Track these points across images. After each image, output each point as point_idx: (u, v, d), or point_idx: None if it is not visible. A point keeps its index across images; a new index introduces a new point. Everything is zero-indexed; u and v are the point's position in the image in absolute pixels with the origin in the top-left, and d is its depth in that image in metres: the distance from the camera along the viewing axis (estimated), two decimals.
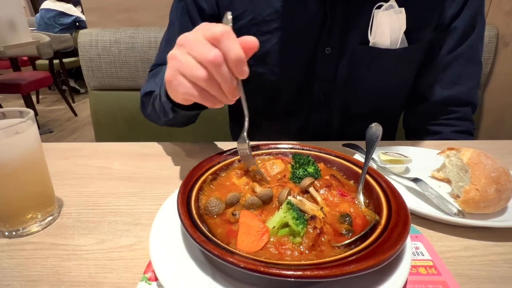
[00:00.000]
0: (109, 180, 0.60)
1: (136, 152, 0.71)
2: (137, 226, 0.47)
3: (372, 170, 0.45)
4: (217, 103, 0.43)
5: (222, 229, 0.39)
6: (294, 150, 0.52)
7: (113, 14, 1.37)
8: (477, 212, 0.45)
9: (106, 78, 1.31)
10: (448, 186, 0.53)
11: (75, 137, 3.28)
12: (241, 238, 0.35)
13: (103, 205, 0.52)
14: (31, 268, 0.39)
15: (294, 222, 0.35)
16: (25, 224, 0.45)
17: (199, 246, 0.32)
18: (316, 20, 0.69)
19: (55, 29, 4.08)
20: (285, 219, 0.36)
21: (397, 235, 0.33)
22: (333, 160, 0.50)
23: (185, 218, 0.36)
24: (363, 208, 0.41)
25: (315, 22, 0.69)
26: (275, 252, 0.34)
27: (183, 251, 0.37)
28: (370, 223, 0.38)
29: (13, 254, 0.42)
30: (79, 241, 0.44)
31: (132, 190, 0.56)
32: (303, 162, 0.47)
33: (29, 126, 0.43)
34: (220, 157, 0.50)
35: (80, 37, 1.28)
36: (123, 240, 0.44)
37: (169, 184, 0.58)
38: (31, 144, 0.44)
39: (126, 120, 1.36)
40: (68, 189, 0.56)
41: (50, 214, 0.48)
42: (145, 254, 0.41)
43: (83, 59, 1.29)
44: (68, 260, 0.41)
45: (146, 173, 0.62)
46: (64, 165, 0.65)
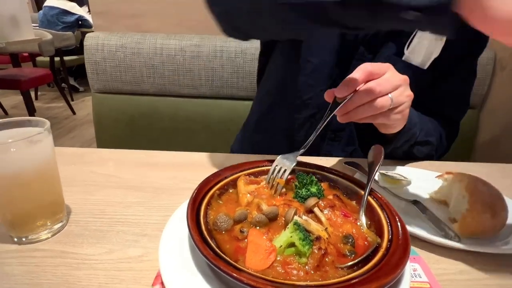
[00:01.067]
0: (116, 188, 0.61)
1: (142, 160, 0.72)
2: (144, 237, 0.48)
3: (374, 192, 0.47)
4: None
5: (230, 245, 0.40)
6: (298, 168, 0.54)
7: (120, 19, 1.39)
8: (473, 237, 0.47)
9: (110, 81, 1.32)
10: (446, 209, 0.55)
11: (73, 135, 3.27)
12: (249, 256, 0.37)
13: (111, 214, 0.53)
14: (42, 276, 0.40)
15: (301, 243, 0.36)
16: (34, 231, 0.46)
17: (209, 263, 0.34)
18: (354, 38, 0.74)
19: (57, 26, 4.08)
20: (291, 239, 0.38)
21: (398, 258, 0.35)
22: (336, 180, 0.52)
23: (195, 233, 0.38)
24: (365, 230, 0.43)
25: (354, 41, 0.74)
26: (282, 271, 0.36)
27: (192, 265, 0.39)
28: (372, 245, 0.39)
29: (23, 261, 0.43)
30: (88, 250, 0.45)
31: (138, 200, 0.57)
32: (306, 182, 0.48)
33: (46, 136, 0.44)
34: (227, 172, 0.52)
35: (86, 40, 1.29)
36: (132, 251, 0.45)
37: (175, 195, 0.59)
38: (47, 155, 0.45)
39: (127, 123, 1.37)
40: (75, 196, 0.57)
41: (59, 221, 0.49)
42: (153, 265, 0.43)
43: (89, 62, 1.30)
44: (78, 269, 0.42)
45: (152, 183, 0.63)
46: (71, 171, 0.66)
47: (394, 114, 0.56)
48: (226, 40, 1.25)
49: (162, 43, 1.26)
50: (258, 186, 0.51)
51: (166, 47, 1.26)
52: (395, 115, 0.56)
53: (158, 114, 1.34)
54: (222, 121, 1.33)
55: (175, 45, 1.25)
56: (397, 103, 0.54)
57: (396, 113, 0.56)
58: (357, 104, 0.52)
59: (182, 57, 1.26)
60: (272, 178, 0.50)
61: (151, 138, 1.38)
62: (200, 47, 1.25)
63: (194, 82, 1.29)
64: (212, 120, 1.34)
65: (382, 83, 0.52)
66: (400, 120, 0.59)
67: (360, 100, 0.52)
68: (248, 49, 1.24)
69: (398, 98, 0.54)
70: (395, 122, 0.59)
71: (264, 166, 0.53)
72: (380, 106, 0.52)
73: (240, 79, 1.28)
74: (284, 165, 0.50)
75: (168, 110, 1.33)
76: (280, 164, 0.51)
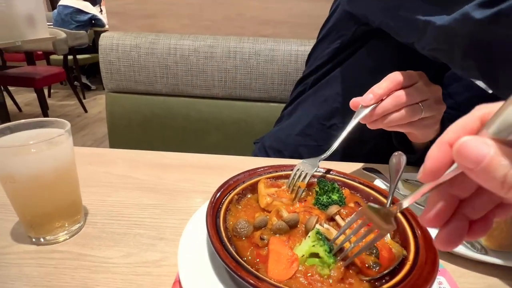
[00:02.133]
0: (131, 190, 0.61)
1: (157, 162, 0.72)
2: (161, 240, 0.48)
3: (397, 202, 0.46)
4: None
5: (250, 252, 0.39)
6: (319, 174, 0.53)
7: (135, 19, 1.40)
8: (500, 250, 0.45)
9: (124, 81, 1.33)
10: None
11: (85, 133, 3.31)
12: (271, 266, 0.36)
13: (127, 216, 0.53)
14: (61, 278, 0.40)
15: (326, 254, 0.35)
16: (52, 232, 0.46)
17: (232, 272, 0.33)
18: None
19: (71, 25, 4.15)
20: (314, 249, 0.37)
21: (427, 273, 0.34)
22: (357, 187, 0.51)
23: (216, 241, 0.37)
24: (389, 240, 0.41)
25: None
26: (305, 282, 0.35)
27: (212, 273, 0.38)
28: (397, 256, 0.38)
29: (42, 262, 0.43)
30: (105, 253, 0.45)
31: (155, 202, 0.57)
32: (328, 189, 0.47)
33: (67, 138, 0.44)
34: (246, 176, 0.51)
35: (101, 39, 1.30)
36: (149, 255, 0.45)
37: (191, 198, 0.59)
38: (67, 157, 0.45)
39: (140, 123, 1.37)
40: (91, 197, 0.57)
41: (77, 222, 0.49)
42: (171, 271, 0.42)
43: (103, 62, 1.31)
44: (96, 273, 0.41)
45: (167, 184, 0.63)
46: (87, 171, 0.66)
47: (424, 125, 0.54)
48: (240, 41, 1.24)
49: (176, 44, 1.26)
50: (279, 189, 0.50)
51: (180, 48, 1.26)
52: (424, 126, 0.55)
53: (170, 114, 1.34)
54: (234, 122, 1.33)
55: (189, 45, 1.25)
56: (427, 114, 0.53)
57: (426, 125, 0.55)
58: (385, 111, 0.51)
59: (196, 57, 1.26)
60: (293, 183, 0.49)
61: (164, 138, 1.38)
62: (214, 48, 1.25)
63: (207, 83, 1.29)
64: (225, 121, 1.33)
65: (412, 92, 0.51)
66: (431, 131, 0.58)
67: (388, 107, 0.50)
68: (261, 50, 1.23)
69: (429, 108, 0.53)
70: (425, 132, 0.57)
71: (283, 171, 0.52)
72: (409, 114, 0.51)
73: (253, 80, 1.27)
74: (306, 170, 0.49)
75: (180, 110, 1.33)
76: (301, 169, 0.50)
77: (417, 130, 0.56)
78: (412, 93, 0.51)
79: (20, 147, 0.41)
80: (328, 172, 0.53)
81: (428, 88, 0.53)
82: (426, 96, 0.52)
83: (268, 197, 0.48)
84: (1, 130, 0.44)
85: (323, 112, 0.84)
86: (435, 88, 0.54)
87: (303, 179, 0.49)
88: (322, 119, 0.84)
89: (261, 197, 0.48)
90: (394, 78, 0.51)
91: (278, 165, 0.53)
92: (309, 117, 0.87)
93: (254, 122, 1.31)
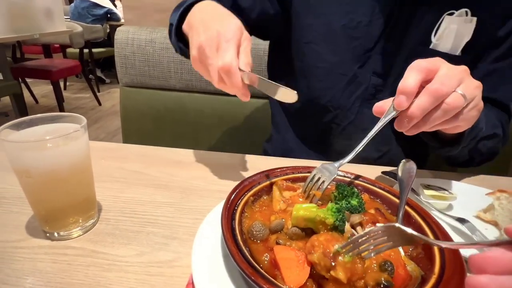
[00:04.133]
0: (145, 186, 0.60)
1: (170, 158, 0.72)
2: (174, 240, 0.47)
3: (420, 210, 0.44)
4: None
5: (265, 256, 0.38)
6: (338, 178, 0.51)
7: (151, 14, 1.39)
8: None
9: (138, 76, 1.33)
10: (495, 230, 0.50)
11: (98, 126, 3.36)
12: (286, 275, 0.34)
13: (141, 214, 0.52)
14: (74, 276, 0.40)
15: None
16: (66, 228, 0.46)
17: (247, 278, 0.32)
18: (383, 14, 0.70)
19: (87, 19, 4.20)
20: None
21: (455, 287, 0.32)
22: (377, 192, 0.49)
23: (231, 244, 0.36)
24: (403, 257, 0.39)
25: (382, 16, 0.70)
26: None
27: (226, 276, 0.37)
28: (413, 276, 0.36)
29: (56, 258, 0.43)
30: (118, 250, 0.44)
31: (168, 200, 0.56)
32: (347, 194, 0.45)
33: (83, 133, 0.43)
34: (262, 177, 0.50)
35: (117, 34, 1.30)
36: (162, 255, 0.44)
37: (204, 197, 0.58)
38: (83, 152, 0.44)
39: (154, 118, 1.37)
40: (105, 192, 0.57)
41: (91, 218, 0.49)
42: (184, 272, 0.41)
43: (118, 56, 1.31)
44: (109, 271, 0.41)
45: (180, 182, 0.62)
46: (100, 166, 0.66)
47: (469, 111, 0.47)
48: (255, 38, 1.22)
49: None
50: (294, 193, 0.49)
51: None
52: (470, 112, 0.48)
53: (184, 109, 1.34)
54: (248, 119, 1.31)
55: None
56: (470, 98, 0.46)
57: (471, 110, 0.47)
58: (425, 111, 0.45)
59: None
60: (309, 188, 0.47)
61: (176, 133, 1.38)
62: None
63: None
64: (238, 118, 1.32)
65: (445, 80, 0.44)
66: (476, 116, 0.50)
67: (427, 106, 0.44)
68: None
69: (469, 92, 0.45)
70: (471, 120, 0.50)
71: (301, 172, 0.51)
72: (453, 107, 0.44)
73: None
74: (324, 176, 0.47)
75: (194, 106, 1.33)
76: (319, 174, 0.48)
77: (464, 121, 0.48)
78: (446, 81, 0.44)
79: (36, 142, 0.40)
80: (347, 175, 0.51)
81: (458, 70, 0.46)
82: (460, 79, 0.45)
83: (282, 201, 0.47)
84: (18, 124, 0.44)
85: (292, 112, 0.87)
86: (463, 68, 0.47)
87: (320, 185, 0.47)
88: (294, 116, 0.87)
89: (275, 202, 0.47)
90: (420, 66, 0.45)
91: (296, 167, 0.52)
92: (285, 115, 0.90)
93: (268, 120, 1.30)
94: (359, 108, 0.78)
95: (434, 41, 0.68)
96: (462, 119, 0.47)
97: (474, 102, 0.47)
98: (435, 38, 0.68)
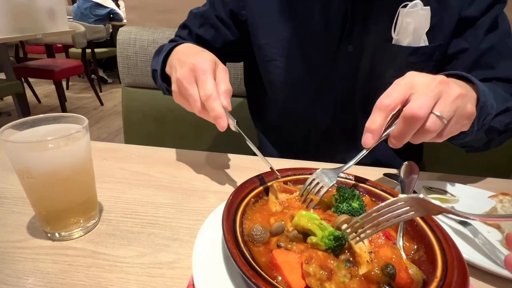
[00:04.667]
0: (146, 187, 0.60)
1: (172, 159, 0.72)
2: (175, 241, 0.47)
3: None
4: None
5: (266, 258, 0.38)
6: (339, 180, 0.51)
7: (153, 14, 1.40)
8: None
9: (140, 76, 1.33)
10: (498, 233, 0.50)
11: (100, 125, 3.36)
12: (291, 278, 0.34)
13: (142, 215, 0.52)
14: (75, 276, 0.40)
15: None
16: (67, 228, 0.46)
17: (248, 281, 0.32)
18: (337, 18, 0.70)
19: (90, 19, 4.21)
20: None
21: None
22: (378, 194, 0.49)
23: (233, 247, 0.36)
24: (404, 260, 0.38)
25: (337, 20, 0.71)
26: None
27: (226, 278, 0.37)
28: (415, 279, 0.35)
29: (56, 258, 0.43)
30: (119, 251, 0.44)
31: (169, 201, 0.56)
32: (348, 196, 0.45)
33: (84, 134, 0.43)
34: (263, 178, 0.50)
35: (119, 34, 1.31)
36: (163, 256, 0.44)
37: (205, 198, 0.58)
38: (84, 153, 0.44)
39: (156, 118, 1.38)
40: (106, 193, 0.57)
41: (92, 219, 0.49)
42: (184, 274, 0.41)
43: (121, 56, 1.32)
44: (110, 272, 0.41)
45: (181, 183, 0.62)
46: (102, 166, 0.66)
47: (453, 126, 0.46)
48: None
49: None
50: (290, 196, 0.48)
51: None
52: (454, 126, 0.46)
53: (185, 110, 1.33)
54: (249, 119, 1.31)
55: None
56: (449, 116, 0.44)
57: (454, 125, 0.46)
58: (404, 136, 0.44)
59: None
60: (307, 191, 0.47)
61: (178, 133, 1.38)
62: None
63: None
64: (239, 118, 1.32)
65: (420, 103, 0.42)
66: (467, 123, 0.49)
67: (405, 133, 0.44)
68: None
69: (447, 109, 0.43)
70: (459, 130, 0.48)
71: (302, 174, 0.51)
72: (432, 130, 0.43)
73: None
74: (323, 181, 0.47)
75: None
76: (318, 179, 0.47)
77: (449, 134, 0.47)
78: (421, 105, 0.42)
79: (38, 142, 0.41)
80: (348, 178, 0.51)
81: (431, 85, 0.43)
82: (437, 95, 0.43)
83: (278, 204, 0.47)
84: (20, 125, 0.44)
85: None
86: (436, 79, 0.44)
87: (318, 190, 0.47)
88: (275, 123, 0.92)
89: (271, 204, 0.47)
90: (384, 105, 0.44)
91: (297, 168, 0.52)
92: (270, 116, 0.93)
93: None
94: (334, 112, 0.80)
95: (395, 37, 0.69)
96: (448, 134, 0.46)
97: (456, 118, 0.45)
98: (395, 33, 0.69)
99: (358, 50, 0.72)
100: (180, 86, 0.57)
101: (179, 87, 0.58)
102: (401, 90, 0.44)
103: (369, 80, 0.75)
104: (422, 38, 0.68)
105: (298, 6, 0.73)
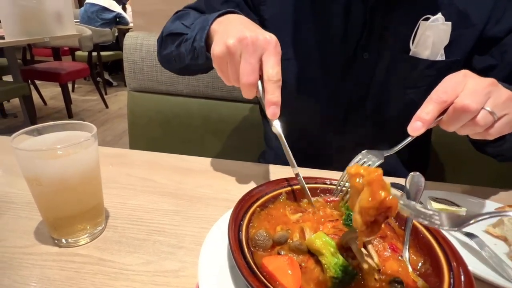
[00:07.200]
0: (152, 194, 0.60)
1: (177, 165, 0.72)
2: (181, 249, 0.47)
3: None
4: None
5: None
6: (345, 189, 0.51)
7: (160, 20, 1.41)
8: None
9: (146, 81, 1.35)
10: (505, 245, 0.50)
11: (105, 128, 3.39)
12: (285, 282, 0.34)
13: (148, 222, 0.52)
14: (81, 283, 0.40)
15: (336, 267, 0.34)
16: (74, 235, 0.47)
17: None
18: (357, 25, 0.70)
19: (96, 23, 4.26)
20: None
21: None
22: None
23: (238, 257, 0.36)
24: (411, 272, 0.38)
25: (356, 27, 0.70)
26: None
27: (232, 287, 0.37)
28: None
29: (63, 265, 0.43)
30: (125, 259, 0.45)
31: (174, 208, 0.56)
32: None
33: (93, 142, 0.44)
34: (269, 187, 0.50)
35: (126, 39, 1.32)
36: (168, 264, 0.44)
37: (211, 205, 0.58)
38: (93, 161, 0.45)
39: (161, 123, 1.38)
40: (112, 199, 0.58)
41: (99, 225, 0.49)
42: (190, 282, 0.41)
43: (127, 61, 1.33)
44: (116, 279, 0.41)
45: (187, 190, 0.62)
46: (108, 172, 0.67)
47: (502, 124, 0.48)
48: None
49: None
50: (304, 213, 0.48)
51: None
52: (507, 126, 0.48)
53: (190, 115, 1.34)
54: (254, 124, 1.32)
55: None
56: (500, 113, 0.46)
57: (507, 124, 0.48)
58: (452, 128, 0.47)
59: None
60: (343, 182, 0.47)
61: (183, 138, 1.39)
62: None
63: (228, 85, 1.28)
64: (244, 124, 1.33)
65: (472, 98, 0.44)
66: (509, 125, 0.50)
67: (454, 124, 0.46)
68: None
69: (499, 107, 0.46)
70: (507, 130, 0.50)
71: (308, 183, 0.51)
72: (482, 124, 0.45)
73: None
74: (369, 160, 0.47)
75: (201, 111, 1.34)
76: (364, 158, 0.47)
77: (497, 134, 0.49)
78: (473, 99, 0.44)
79: (47, 150, 0.41)
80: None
81: (483, 83, 0.46)
82: (488, 94, 0.46)
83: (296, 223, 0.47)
84: (29, 132, 0.44)
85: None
86: (488, 82, 0.47)
87: None
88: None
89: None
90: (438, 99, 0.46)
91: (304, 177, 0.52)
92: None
93: None
94: (345, 118, 0.79)
95: (413, 48, 0.69)
96: (497, 132, 0.48)
97: (507, 118, 0.47)
98: (413, 45, 0.69)
99: (374, 58, 0.72)
100: (244, 48, 0.49)
101: (239, 48, 0.49)
102: (457, 87, 0.46)
103: (382, 90, 0.74)
104: (440, 52, 0.68)
105: (319, 8, 0.72)
